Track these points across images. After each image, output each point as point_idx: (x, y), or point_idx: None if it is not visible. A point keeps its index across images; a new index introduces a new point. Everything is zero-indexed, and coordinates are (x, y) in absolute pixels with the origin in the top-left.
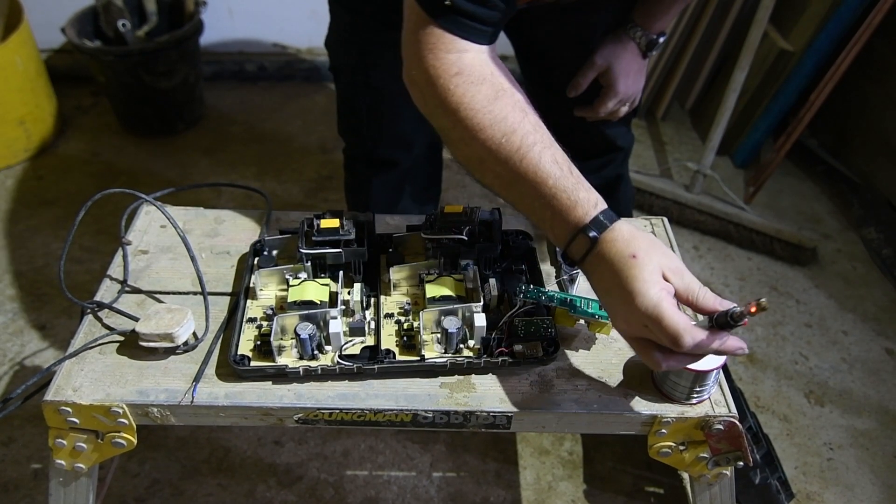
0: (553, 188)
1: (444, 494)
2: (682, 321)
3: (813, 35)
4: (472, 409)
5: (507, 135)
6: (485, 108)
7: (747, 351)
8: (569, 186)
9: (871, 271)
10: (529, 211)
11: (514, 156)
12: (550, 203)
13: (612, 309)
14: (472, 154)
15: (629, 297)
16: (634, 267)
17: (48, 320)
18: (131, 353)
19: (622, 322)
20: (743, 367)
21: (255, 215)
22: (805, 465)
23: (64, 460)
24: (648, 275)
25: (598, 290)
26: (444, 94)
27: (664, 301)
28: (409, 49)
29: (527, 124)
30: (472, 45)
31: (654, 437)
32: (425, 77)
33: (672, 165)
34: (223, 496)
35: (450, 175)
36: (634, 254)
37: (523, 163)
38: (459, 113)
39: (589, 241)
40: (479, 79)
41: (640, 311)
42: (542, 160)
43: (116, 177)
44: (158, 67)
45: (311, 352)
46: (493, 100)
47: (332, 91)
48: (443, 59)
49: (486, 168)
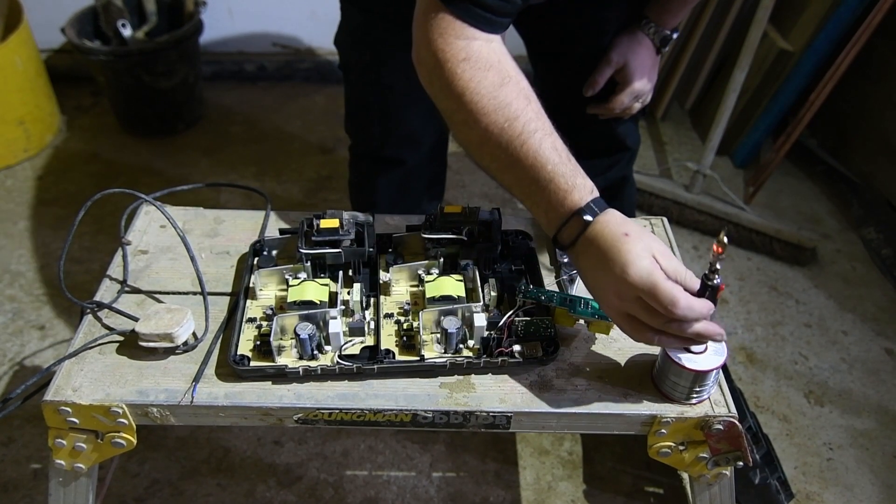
0: (552, 173)
1: (443, 494)
2: (675, 286)
3: (813, 35)
4: (471, 409)
5: (509, 120)
6: (490, 94)
7: (725, 336)
8: (567, 172)
9: (870, 271)
10: (524, 194)
11: (514, 141)
12: (547, 186)
13: (602, 286)
14: (473, 137)
15: (623, 268)
16: (627, 242)
17: (48, 320)
18: (131, 354)
19: (613, 297)
20: (742, 367)
21: (255, 215)
22: (805, 466)
23: (64, 460)
24: (641, 250)
25: (587, 268)
26: (451, 77)
27: (657, 270)
28: (420, 30)
29: (529, 112)
30: (481, 34)
31: (654, 437)
32: (433, 60)
33: (672, 165)
34: (223, 496)
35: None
36: (626, 232)
37: (523, 148)
38: (465, 97)
39: (583, 224)
40: (486, 65)
41: (635, 280)
42: (542, 146)
43: (116, 177)
44: (158, 67)
45: (310, 352)
46: (498, 86)
47: (331, 91)
48: (452, 45)
49: (486, 151)
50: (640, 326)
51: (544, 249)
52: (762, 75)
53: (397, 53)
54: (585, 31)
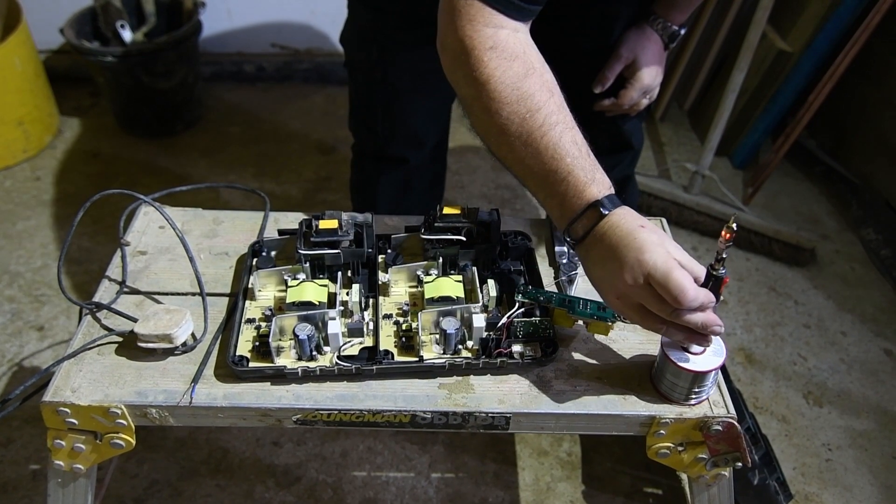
0: (571, 166)
1: (442, 495)
2: (687, 275)
3: (811, 36)
4: (470, 409)
5: (531, 111)
6: (514, 84)
7: (723, 329)
8: (586, 167)
9: (869, 272)
10: (539, 186)
11: (535, 132)
12: (565, 179)
13: (614, 274)
14: (493, 126)
15: (638, 255)
16: (644, 232)
17: (47, 321)
18: (130, 354)
19: (623, 286)
20: (741, 367)
21: (254, 216)
22: (803, 466)
23: (62, 461)
24: (657, 239)
25: (597, 259)
26: (477, 64)
27: (672, 259)
28: (447, 16)
29: (552, 104)
30: (510, 22)
31: (653, 437)
32: (460, 46)
33: (671, 166)
34: (221, 497)
35: (449, 175)
36: (643, 225)
37: (544, 139)
38: (489, 85)
39: (599, 216)
40: (511, 55)
41: (650, 265)
42: (562, 139)
43: (115, 177)
44: (157, 68)
45: (309, 353)
46: (522, 77)
47: (330, 92)
48: (480, 32)
49: (505, 140)
50: (647, 315)
51: (543, 250)
52: (761, 76)
53: (405, 52)
54: (593, 26)
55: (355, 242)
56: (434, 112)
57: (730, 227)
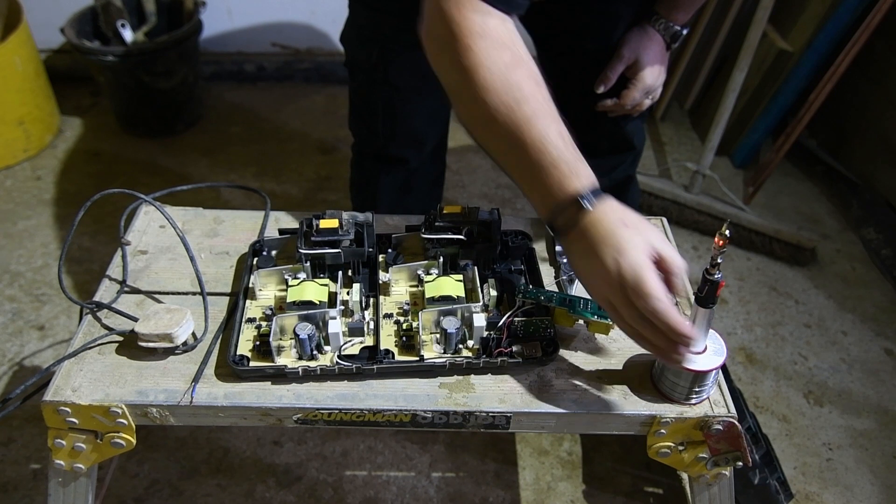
0: (556, 158)
1: (443, 495)
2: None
3: (812, 35)
4: (471, 409)
5: (518, 102)
6: (502, 73)
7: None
8: (570, 160)
9: (870, 271)
10: (523, 177)
11: (522, 123)
12: (549, 171)
13: (592, 271)
14: (479, 114)
15: (616, 256)
16: (625, 231)
17: (47, 320)
18: (130, 354)
19: (602, 282)
20: (742, 367)
21: (254, 216)
22: (804, 466)
23: (63, 460)
24: (639, 242)
25: (579, 253)
26: (465, 51)
27: (648, 267)
28: (433, 3)
29: (539, 96)
30: (497, 12)
31: (653, 437)
32: (447, 32)
33: (671, 166)
34: (222, 496)
35: (449, 175)
36: (626, 223)
37: (531, 131)
38: (477, 73)
39: (581, 210)
40: (500, 44)
41: (625, 269)
42: (548, 131)
43: (115, 177)
44: (157, 68)
45: (310, 352)
46: (511, 66)
47: (331, 91)
48: (469, 19)
49: (490, 130)
50: (616, 316)
51: (544, 250)
52: (761, 75)
53: (406, 52)
54: (595, 26)
55: (356, 242)
56: (434, 112)
57: (722, 233)
